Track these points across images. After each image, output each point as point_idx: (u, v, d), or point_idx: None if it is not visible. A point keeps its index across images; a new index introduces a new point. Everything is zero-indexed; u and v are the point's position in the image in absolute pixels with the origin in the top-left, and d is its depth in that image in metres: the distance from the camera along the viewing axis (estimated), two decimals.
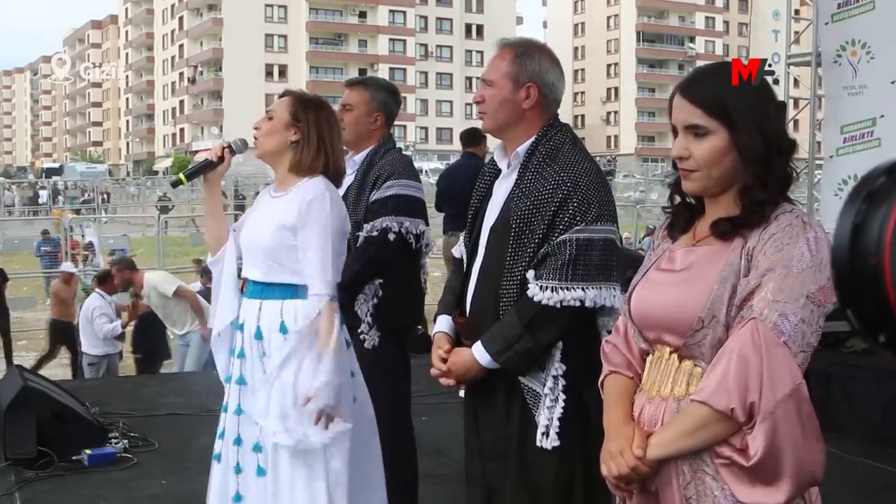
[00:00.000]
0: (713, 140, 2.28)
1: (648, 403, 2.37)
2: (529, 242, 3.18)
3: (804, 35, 11.20)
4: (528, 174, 3.25)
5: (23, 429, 5.97)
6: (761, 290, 2.18)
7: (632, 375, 2.48)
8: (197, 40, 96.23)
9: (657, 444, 2.28)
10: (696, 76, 2.41)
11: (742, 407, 2.12)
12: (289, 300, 3.59)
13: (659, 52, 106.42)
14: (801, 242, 2.20)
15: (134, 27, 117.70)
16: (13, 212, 44.61)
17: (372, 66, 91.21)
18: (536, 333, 3.15)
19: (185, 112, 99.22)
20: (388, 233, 4.25)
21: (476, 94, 3.40)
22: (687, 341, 2.28)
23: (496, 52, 3.38)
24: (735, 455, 2.16)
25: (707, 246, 2.32)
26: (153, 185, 60.10)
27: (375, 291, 4.27)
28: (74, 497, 5.59)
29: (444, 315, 3.48)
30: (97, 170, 77.54)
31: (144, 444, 6.51)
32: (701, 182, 2.32)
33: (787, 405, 2.11)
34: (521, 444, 3.24)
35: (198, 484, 5.79)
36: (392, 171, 4.35)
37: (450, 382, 3.36)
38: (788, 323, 2.14)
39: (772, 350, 2.12)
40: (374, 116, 4.49)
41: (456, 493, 5.41)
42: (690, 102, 2.31)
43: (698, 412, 2.20)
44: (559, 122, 3.38)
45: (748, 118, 2.27)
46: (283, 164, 3.71)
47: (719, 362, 2.18)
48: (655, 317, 2.37)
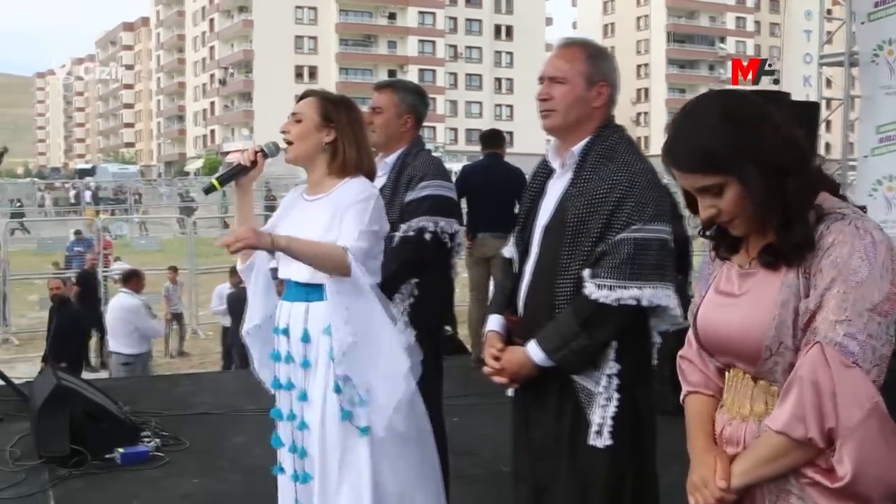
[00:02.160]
0: (731, 191, 2.19)
1: (729, 424, 2.35)
2: (585, 241, 3.18)
3: (837, 35, 11.12)
4: (584, 173, 3.26)
5: (56, 427, 6.01)
6: (822, 310, 2.12)
7: (711, 393, 2.44)
8: (228, 42, 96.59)
9: (740, 474, 2.25)
10: (674, 138, 2.24)
11: (820, 434, 2.09)
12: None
13: (689, 53, 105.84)
14: (857, 252, 2.11)
15: (165, 29, 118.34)
16: (47, 212, 44.93)
17: (401, 67, 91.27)
18: (593, 332, 3.15)
19: (216, 113, 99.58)
20: (424, 232, 4.27)
21: (542, 92, 3.37)
22: (759, 368, 2.25)
23: (562, 51, 3.38)
24: (819, 476, 2.14)
25: (764, 269, 2.25)
26: (184, 185, 60.48)
27: (411, 291, 4.28)
28: (107, 495, 5.62)
29: (496, 314, 3.48)
30: (129, 171, 78.26)
31: (176, 443, 6.54)
32: (745, 225, 2.24)
33: (868, 425, 2.07)
34: (572, 442, 3.24)
35: (228, 483, 5.85)
36: (425, 172, 4.38)
37: (503, 381, 3.35)
38: (855, 342, 2.08)
39: (842, 373, 2.07)
40: (404, 119, 4.51)
41: (486, 494, 5.42)
42: (686, 171, 2.22)
43: (776, 441, 2.17)
44: (613, 123, 3.40)
45: (738, 160, 2.15)
46: (319, 166, 3.66)
47: (791, 389, 2.14)
48: (722, 343, 2.33)
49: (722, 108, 2.22)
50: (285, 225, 3.69)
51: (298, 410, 3.61)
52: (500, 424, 6.43)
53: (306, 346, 3.56)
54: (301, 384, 3.59)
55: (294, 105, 3.78)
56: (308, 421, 3.58)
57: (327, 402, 3.52)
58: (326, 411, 3.52)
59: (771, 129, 2.19)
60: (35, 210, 45.17)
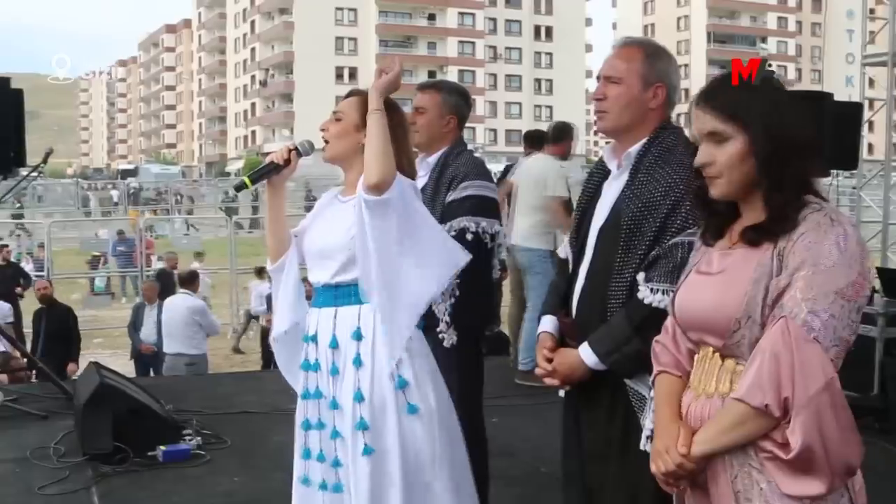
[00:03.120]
0: (733, 145, 2.37)
1: (695, 401, 2.46)
2: (640, 244, 3.14)
3: (880, 35, 11.00)
4: (639, 175, 3.21)
5: (100, 424, 6.08)
6: (791, 288, 2.25)
7: (680, 374, 2.58)
8: (268, 43, 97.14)
9: (700, 442, 2.38)
10: (712, 85, 2.48)
11: (776, 402, 2.21)
12: (366, 305, 3.44)
13: (730, 53, 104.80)
14: (829, 240, 2.26)
15: (207, 31, 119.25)
16: (90, 212, 45.36)
17: (441, 68, 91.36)
18: (646, 336, 3.03)
19: (257, 114, 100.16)
20: (465, 232, 4.26)
21: (597, 92, 3.32)
22: (726, 342, 2.37)
23: (620, 51, 3.33)
24: (776, 449, 2.24)
25: (741, 248, 2.40)
26: (225, 186, 60.88)
27: (452, 291, 4.27)
28: (149, 492, 5.68)
29: (549, 315, 3.46)
30: (171, 171, 78.74)
31: (217, 441, 6.59)
32: (723, 187, 2.42)
33: (821, 398, 2.18)
34: (623, 446, 3.19)
35: (269, 482, 5.88)
36: (467, 173, 4.37)
37: (554, 382, 3.33)
38: (818, 319, 2.21)
39: (802, 346, 2.19)
40: (447, 119, 4.51)
41: (525, 495, 5.42)
42: (707, 110, 2.41)
43: (736, 409, 2.29)
44: (671, 124, 3.33)
45: (758, 120, 2.35)
46: (356, 166, 3.53)
47: (753, 361, 2.27)
48: (695, 319, 2.47)
49: (763, 77, 2.43)
50: (317, 224, 3.65)
51: (329, 419, 3.48)
52: (539, 425, 6.45)
53: (334, 352, 3.47)
54: (330, 392, 3.47)
55: (335, 106, 3.73)
56: (340, 430, 3.45)
57: (354, 413, 3.40)
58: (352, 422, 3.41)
59: (794, 115, 2.39)
60: (79, 211, 45.54)
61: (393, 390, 3.40)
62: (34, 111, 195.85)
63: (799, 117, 2.40)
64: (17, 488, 5.74)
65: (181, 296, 12.03)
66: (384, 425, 3.39)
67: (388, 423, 3.39)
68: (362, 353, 3.42)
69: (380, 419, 3.39)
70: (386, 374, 3.40)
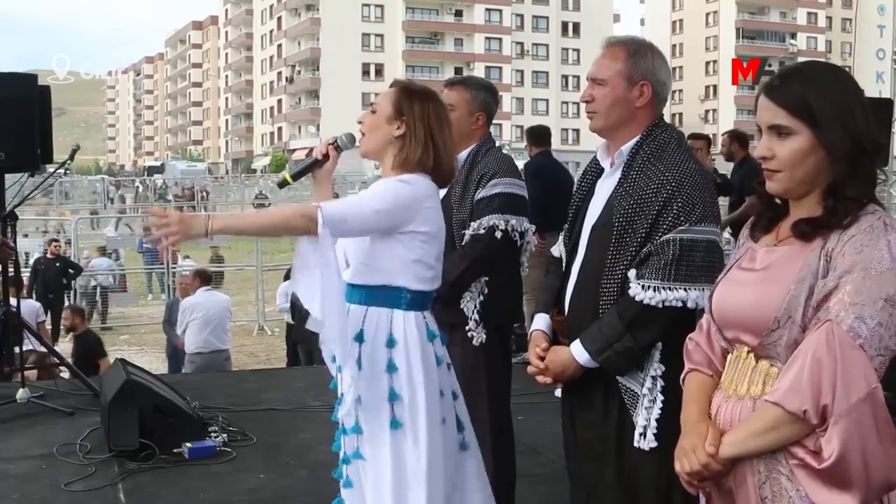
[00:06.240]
0: (797, 140, 2.29)
1: (725, 402, 2.40)
2: (632, 241, 3.15)
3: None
4: (632, 173, 3.22)
5: (126, 421, 6.10)
6: (838, 292, 2.17)
7: (711, 374, 2.51)
8: (295, 40, 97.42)
9: (729, 443, 2.30)
10: (781, 76, 2.40)
11: (815, 409, 2.12)
12: (398, 310, 3.39)
13: (759, 49, 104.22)
14: (881, 244, 2.18)
15: (233, 28, 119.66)
16: (127, 209, 45.59)
17: (468, 64, 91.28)
18: (637, 333, 3.12)
19: (283, 111, 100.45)
20: (495, 230, 4.24)
21: (585, 94, 3.35)
22: (763, 341, 2.30)
23: (605, 51, 3.34)
24: (808, 457, 2.16)
25: (787, 246, 2.33)
26: (252, 182, 61.12)
27: (481, 289, 4.26)
28: (175, 489, 5.68)
29: (541, 313, 3.46)
30: (197, 168, 79.06)
31: (243, 438, 6.59)
32: (784, 183, 2.34)
33: (862, 409, 2.10)
34: (618, 444, 3.21)
35: (295, 479, 5.88)
36: (497, 170, 4.34)
37: (546, 380, 3.35)
38: (865, 326, 2.12)
39: (847, 353, 2.11)
40: (476, 116, 4.49)
41: (551, 494, 5.38)
42: (774, 103, 2.33)
43: (771, 413, 2.21)
44: (664, 122, 3.35)
45: (834, 118, 2.27)
46: (387, 160, 3.49)
47: (793, 364, 2.19)
48: (733, 315, 2.40)
49: (836, 72, 2.39)
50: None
51: (340, 416, 3.47)
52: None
53: (359, 345, 3.43)
54: (340, 388, 3.45)
55: (362, 103, 3.69)
56: (348, 427, 3.44)
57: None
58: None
59: (863, 114, 2.31)
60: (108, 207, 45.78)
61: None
62: (60, 108, 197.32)
63: (870, 119, 2.33)
64: (43, 484, 5.76)
65: (213, 292, 12.19)
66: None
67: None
68: (363, 354, 3.40)
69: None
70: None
